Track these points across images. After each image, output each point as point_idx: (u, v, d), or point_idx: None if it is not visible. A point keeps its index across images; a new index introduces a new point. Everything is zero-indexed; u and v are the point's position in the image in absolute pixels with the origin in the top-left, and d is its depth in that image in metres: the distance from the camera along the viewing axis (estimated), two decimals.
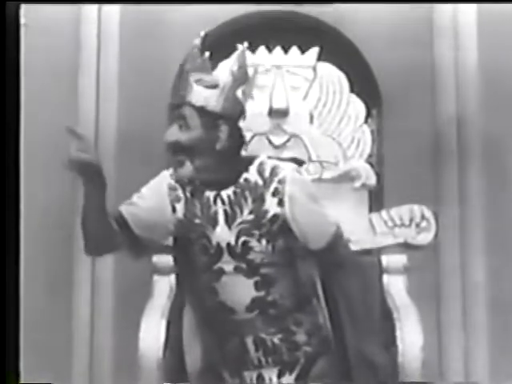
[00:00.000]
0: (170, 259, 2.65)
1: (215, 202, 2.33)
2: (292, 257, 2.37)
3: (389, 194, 3.80)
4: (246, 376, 2.40)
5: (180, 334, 2.62)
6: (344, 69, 3.71)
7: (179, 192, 2.37)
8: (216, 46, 3.22)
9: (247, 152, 3.40)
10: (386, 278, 3.30)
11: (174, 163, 2.31)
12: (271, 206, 2.32)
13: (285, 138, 3.60)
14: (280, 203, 2.32)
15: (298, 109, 3.61)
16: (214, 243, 2.32)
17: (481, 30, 3.96)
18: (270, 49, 3.68)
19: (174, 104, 2.32)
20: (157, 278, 3.26)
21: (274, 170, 2.34)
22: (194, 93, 2.29)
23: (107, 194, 2.26)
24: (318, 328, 2.43)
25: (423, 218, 3.36)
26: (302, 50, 3.67)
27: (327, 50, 3.71)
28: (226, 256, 2.32)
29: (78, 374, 3.83)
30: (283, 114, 3.58)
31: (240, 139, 2.35)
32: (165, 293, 3.17)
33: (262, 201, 2.32)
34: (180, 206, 2.37)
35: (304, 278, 2.42)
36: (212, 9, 3.81)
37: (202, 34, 2.38)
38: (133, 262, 2.43)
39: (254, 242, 2.31)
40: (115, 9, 3.97)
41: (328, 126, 3.65)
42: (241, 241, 2.31)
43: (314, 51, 3.66)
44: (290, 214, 2.31)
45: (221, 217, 2.32)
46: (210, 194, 2.34)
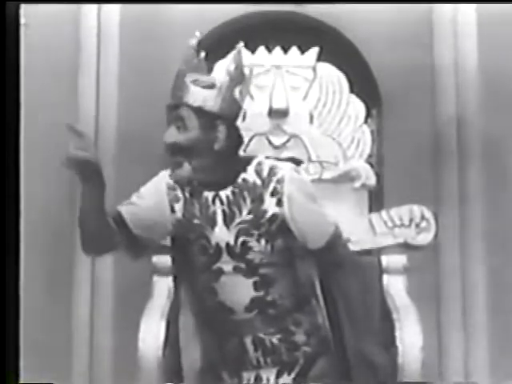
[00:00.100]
0: (170, 259, 2.65)
1: (214, 202, 2.33)
2: (291, 257, 2.37)
3: (389, 194, 3.80)
4: (244, 376, 2.40)
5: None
6: (344, 69, 3.72)
7: (178, 192, 2.37)
8: (216, 46, 3.24)
9: (247, 152, 3.41)
10: (386, 278, 3.30)
11: (173, 164, 2.31)
12: (270, 205, 2.32)
13: (285, 138, 3.60)
14: (279, 203, 2.32)
15: (297, 109, 3.61)
16: (213, 243, 2.32)
17: (480, 30, 3.96)
18: (269, 49, 3.69)
19: (171, 105, 2.32)
20: (156, 278, 3.27)
21: (272, 169, 2.34)
22: (191, 93, 2.29)
23: (106, 193, 2.26)
24: (317, 328, 2.43)
25: (423, 218, 3.36)
26: (302, 50, 3.67)
27: (327, 50, 3.71)
28: (225, 256, 2.32)
29: (78, 374, 3.83)
30: (283, 114, 3.58)
31: (238, 139, 2.35)
32: (164, 293, 3.17)
33: (261, 201, 2.31)
34: (179, 206, 2.37)
35: (303, 278, 2.41)
36: (212, 9, 3.82)
37: (198, 34, 2.38)
38: (132, 262, 2.43)
39: (253, 242, 2.31)
40: (115, 9, 3.97)
41: (328, 126, 3.65)
42: (240, 241, 2.31)
43: (314, 51, 3.66)
44: (288, 214, 2.31)
45: (219, 217, 2.32)
46: (209, 195, 2.34)
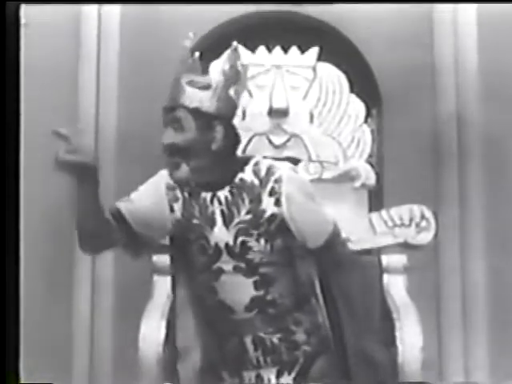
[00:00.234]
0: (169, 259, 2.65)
1: (212, 202, 2.33)
2: (291, 256, 2.37)
3: (389, 194, 3.80)
4: (244, 376, 2.40)
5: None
6: (344, 69, 3.71)
7: (177, 192, 2.37)
8: (216, 46, 3.24)
9: (247, 152, 3.42)
10: (386, 277, 3.30)
11: (170, 165, 2.31)
12: (268, 205, 2.31)
13: (285, 137, 3.60)
14: (277, 203, 2.32)
15: (297, 109, 3.61)
16: (213, 243, 2.32)
17: (481, 30, 3.96)
18: (269, 48, 3.69)
19: (168, 107, 2.32)
20: (157, 277, 3.27)
21: (269, 169, 2.34)
22: (187, 95, 2.29)
23: (107, 193, 2.26)
24: (317, 327, 2.43)
25: (423, 217, 3.36)
26: (302, 50, 3.67)
27: (327, 50, 3.71)
28: (224, 256, 2.32)
29: (77, 374, 3.83)
30: (283, 113, 3.58)
31: (235, 138, 2.35)
32: (165, 293, 3.17)
33: (259, 201, 2.31)
34: (178, 206, 2.37)
35: (303, 277, 2.41)
36: (212, 9, 3.82)
37: (191, 34, 2.38)
38: (132, 261, 2.43)
39: (252, 242, 2.31)
40: (115, 9, 3.97)
41: (328, 126, 3.65)
42: (239, 241, 2.31)
43: (314, 51, 3.66)
44: (287, 214, 2.31)
45: (218, 217, 2.32)
46: (207, 195, 2.33)
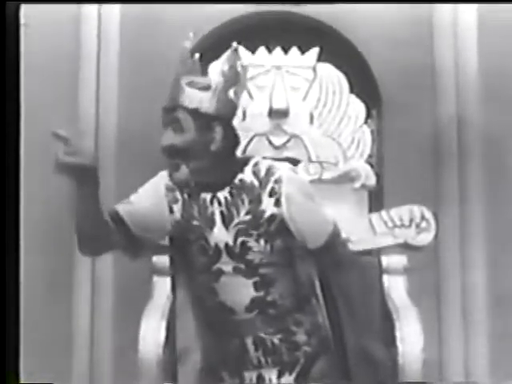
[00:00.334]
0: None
1: (212, 203, 2.33)
2: (291, 256, 2.37)
3: (389, 195, 3.80)
4: (245, 376, 2.40)
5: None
6: (344, 69, 3.72)
7: (177, 193, 2.37)
8: (216, 46, 3.23)
9: (248, 152, 3.42)
10: (386, 278, 3.31)
11: (170, 167, 2.31)
12: (268, 206, 2.31)
13: (285, 138, 3.60)
14: (277, 203, 2.31)
15: (297, 109, 3.61)
16: (212, 244, 2.32)
17: (481, 30, 3.96)
18: (269, 49, 3.69)
19: (167, 108, 2.32)
20: (157, 278, 3.27)
21: (269, 170, 2.34)
22: (186, 95, 2.29)
23: (106, 194, 2.26)
24: (317, 328, 2.43)
25: (423, 218, 3.36)
26: (302, 51, 3.67)
27: (327, 51, 3.71)
28: (224, 257, 2.32)
29: (78, 374, 3.83)
30: (283, 114, 3.58)
31: (235, 139, 2.35)
32: (165, 293, 3.17)
33: (259, 201, 2.31)
34: (177, 207, 2.36)
35: (303, 278, 2.41)
36: (212, 9, 3.82)
37: (191, 35, 2.37)
38: (132, 262, 2.43)
39: (252, 243, 2.31)
40: (115, 9, 3.97)
41: (328, 127, 3.65)
42: (239, 241, 2.31)
43: (314, 52, 3.66)
44: (287, 214, 2.31)
45: (218, 218, 2.32)
46: (207, 196, 2.33)
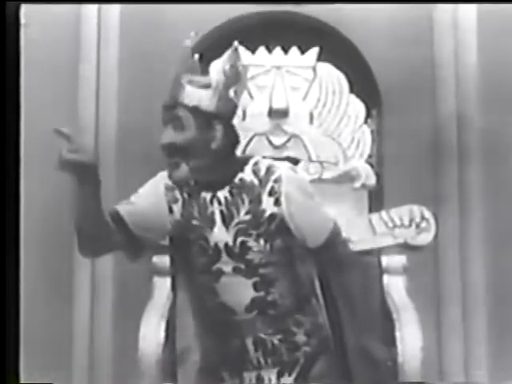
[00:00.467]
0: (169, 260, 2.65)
1: (212, 202, 2.33)
2: (291, 256, 2.37)
3: (389, 194, 3.80)
4: (245, 376, 2.40)
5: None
6: (344, 69, 3.72)
7: (176, 193, 2.37)
8: (216, 46, 3.23)
9: (247, 152, 3.42)
10: (386, 278, 3.31)
11: (170, 165, 2.30)
12: (268, 205, 2.31)
13: (285, 138, 3.60)
14: (277, 202, 2.31)
15: (297, 109, 3.61)
16: (212, 244, 2.32)
17: (481, 29, 3.96)
18: (269, 49, 3.69)
19: (167, 105, 2.31)
20: (157, 278, 3.27)
21: (269, 169, 2.33)
22: (186, 93, 2.29)
23: (107, 193, 2.26)
24: (317, 328, 2.43)
25: (423, 218, 3.36)
26: (302, 51, 3.67)
27: (327, 51, 3.71)
28: (224, 257, 2.32)
29: (77, 374, 3.83)
30: (283, 114, 3.58)
31: (235, 138, 2.35)
32: (165, 293, 3.18)
33: (259, 201, 2.31)
34: (177, 207, 2.36)
35: (303, 278, 2.41)
36: (212, 9, 3.81)
37: (193, 34, 2.37)
38: (132, 262, 2.43)
39: (252, 242, 2.31)
40: (115, 9, 3.97)
41: (328, 127, 3.66)
42: (239, 241, 2.31)
43: (314, 51, 3.66)
44: (287, 213, 2.31)
45: (218, 217, 2.32)
46: (207, 195, 2.33)
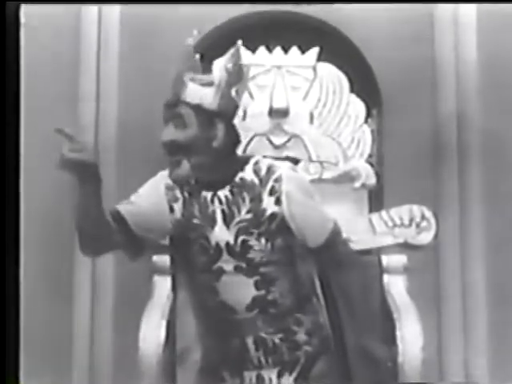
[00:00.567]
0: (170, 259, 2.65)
1: (212, 201, 2.33)
2: (291, 255, 2.37)
3: (389, 194, 3.80)
4: (245, 376, 2.40)
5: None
6: (344, 69, 3.72)
7: (177, 192, 2.37)
8: (216, 46, 3.23)
9: (248, 152, 3.42)
10: (386, 278, 3.30)
11: (171, 163, 2.30)
12: (268, 204, 2.32)
13: (285, 138, 3.60)
14: (277, 202, 2.32)
15: (298, 109, 3.61)
16: (213, 243, 2.32)
17: (481, 29, 3.96)
18: (269, 49, 3.69)
19: (169, 103, 2.32)
20: (157, 277, 3.27)
21: (269, 168, 2.34)
22: (189, 91, 2.29)
23: (107, 193, 2.26)
24: (318, 327, 2.43)
25: (423, 217, 3.36)
26: (302, 50, 3.67)
27: (327, 50, 3.71)
28: (225, 255, 2.32)
29: (78, 374, 3.83)
30: (283, 114, 3.58)
31: (236, 137, 2.35)
32: (165, 293, 3.17)
33: (260, 200, 2.31)
34: (178, 206, 2.36)
35: (304, 277, 2.42)
36: (212, 9, 3.81)
37: (196, 32, 2.38)
38: (132, 262, 2.43)
39: (253, 241, 2.31)
40: (115, 9, 3.97)
41: (328, 126, 3.65)
42: (240, 240, 2.31)
43: (314, 51, 3.66)
44: (287, 212, 2.31)
45: (219, 216, 2.32)
46: (207, 194, 2.34)
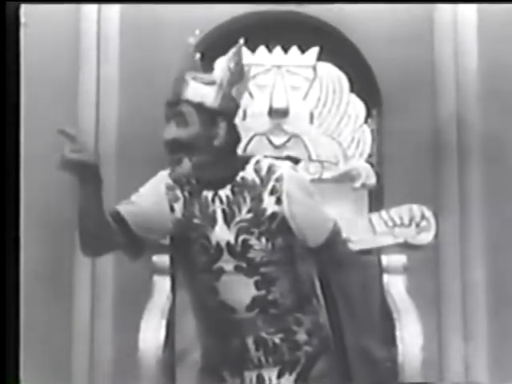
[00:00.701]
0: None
1: (213, 201, 2.33)
2: (292, 255, 2.37)
3: (389, 194, 3.80)
4: (246, 376, 2.40)
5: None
6: (344, 68, 3.71)
7: (177, 192, 2.37)
8: (216, 46, 3.23)
9: (248, 152, 3.42)
10: (386, 277, 3.30)
11: (172, 161, 2.31)
12: (269, 204, 2.32)
13: (285, 137, 3.60)
14: (278, 201, 2.32)
15: (298, 109, 3.61)
16: (214, 243, 2.32)
17: (481, 29, 3.96)
18: (269, 49, 3.69)
19: (171, 102, 2.32)
20: (157, 277, 3.27)
21: (270, 168, 2.34)
22: (190, 89, 2.29)
23: (107, 193, 2.26)
24: (318, 327, 2.43)
25: (423, 217, 3.36)
26: (302, 50, 3.67)
27: (327, 50, 3.71)
28: (225, 255, 2.32)
29: (77, 374, 3.83)
30: (283, 113, 3.58)
31: (236, 137, 2.36)
32: (165, 293, 3.17)
33: (260, 199, 2.31)
34: (178, 206, 2.36)
35: (304, 277, 2.42)
36: (212, 9, 3.81)
37: (197, 32, 2.38)
38: (132, 262, 2.43)
39: (253, 241, 2.31)
40: (115, 9, 3.97)
41: (328, 126, 3.65)
42: (240, 239, 2.31)
43: (314, 51, 3.66)
44: (288, 212, 2.32)
45: (219, 216, 2.32)
46: (208, 194, 2.34)
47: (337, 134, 3.65)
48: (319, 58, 3.67)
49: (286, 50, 3.68)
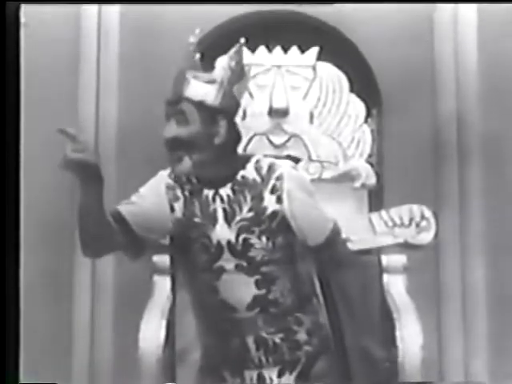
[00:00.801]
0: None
1: (214, 200, 2.33)
2: (292, 254, 2.37)
3: (389, 194, 3.80)
4: (246, 375, 2.40)
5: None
6: (344, 68, 3.72)
7: (177, 191, 2.37)
8: (216, 46, 3.23)
9: (248, 151, 3.42)
10: (386, 277, 3.30)
11: (173, 160, 2.31)
12: (270, 203, 2.32)
13: (285, 137, 3.61)
14: (278, 200, 2.32)
15: (297, 108, 3.62)
16: (215, 242, 2.32)
17: (481, 29, 3.96)
18: (269, 48, 3.69)
19: (171, 100, 2.32)
20: (157, 277, 3.27)
21: (271, 167, 2.34)
22: (191, 88, 2.29)
23: (108, 193, 2.26)
24: (318, 327, 2.43)
25: (423, 217, 3.36)
26: (302, 50, 3.68)
27: (327, 50, 3.71)
28: (226, 254, 2.32)
29: (77, 374, 3.83)
30: (283, 113, 3.59)
31: (237, 136, 2.36)
32: (165, 293, 3.17)
33: (261, 198, 2.32)
34: (179, 206, 2.36)
35: (304, 276, 2.42)
36: (212, 9, 3.82)
37: (198, 31, 2.38)
38: (132, 262, 2.43)
39: (254, 239, 2.31)
40: (115, 9, 3.97)
41: (328, 126, 3.66)
42: (241, 238, 2.31)
43: (314, 51, 3.66)
44: (288, 211, 2.32)
45: (220, 215, 2.32)
46: (209, 193, 2.34)
47: (337, 134, 3.65)
48: (319, 58, 3.67)
49: (285, 49, 3.68)
